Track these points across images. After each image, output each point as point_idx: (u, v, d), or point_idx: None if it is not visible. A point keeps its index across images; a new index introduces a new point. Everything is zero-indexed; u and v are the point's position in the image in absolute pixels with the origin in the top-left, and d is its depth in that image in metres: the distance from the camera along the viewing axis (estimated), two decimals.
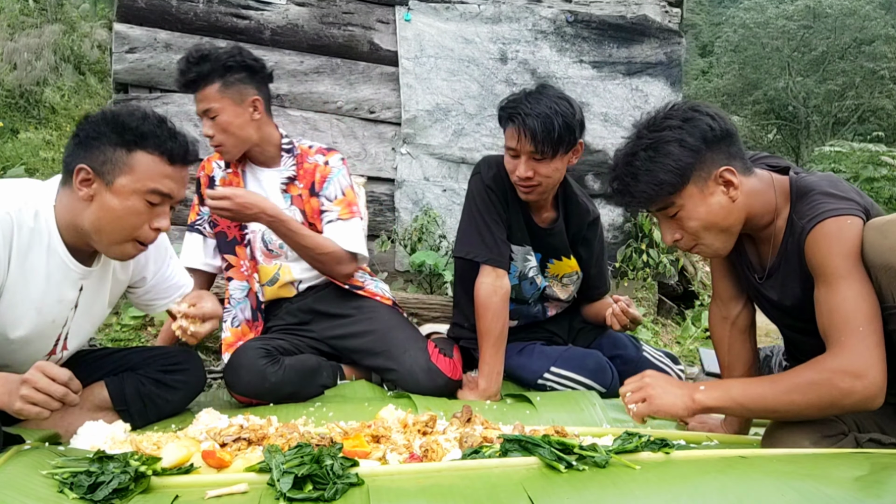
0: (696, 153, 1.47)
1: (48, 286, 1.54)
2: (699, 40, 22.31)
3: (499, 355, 2.12)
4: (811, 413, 1.39)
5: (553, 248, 2.28)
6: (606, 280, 2.45)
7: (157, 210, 1.53)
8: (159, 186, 1.50)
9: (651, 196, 1.50)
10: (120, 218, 1.49)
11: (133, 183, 1.48)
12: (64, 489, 1.14)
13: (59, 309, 1.59)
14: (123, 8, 3.24)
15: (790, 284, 1.54)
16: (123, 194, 1.48)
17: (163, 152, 1.50)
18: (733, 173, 1.48)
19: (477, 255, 2.14)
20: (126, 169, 1.47)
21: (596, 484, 1.17)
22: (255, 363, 1.97)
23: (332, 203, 2.21)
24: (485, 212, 2.14)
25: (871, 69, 17.54)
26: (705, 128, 1.48)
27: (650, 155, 1.49)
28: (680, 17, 4.09)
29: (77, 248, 1.57)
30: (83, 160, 1.48)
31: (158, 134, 1.51)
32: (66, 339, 1.67)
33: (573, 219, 2.27)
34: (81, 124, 1.52)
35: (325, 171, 2.23)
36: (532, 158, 2.00)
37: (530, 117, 1.94)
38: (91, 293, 1.66)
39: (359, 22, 3.58)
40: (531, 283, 2.29)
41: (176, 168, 1.53)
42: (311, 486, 1.13)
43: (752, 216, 1.54)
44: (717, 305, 1.81)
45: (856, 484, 1.13)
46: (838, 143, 9.56)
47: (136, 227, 1.51)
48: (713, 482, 1.16)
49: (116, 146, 1.48)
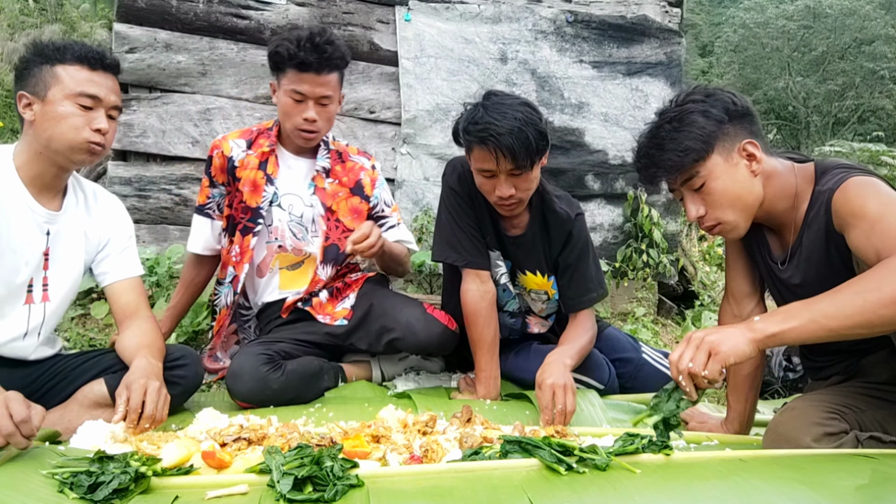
0: (719, 123, 1.51)
1: (19, 227, 1.68)
2: (699, 40, 22.30)
3: (494, 360, 2.11)
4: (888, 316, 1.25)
5: (521, 259, 2.19)
6: (593, 285, 2.17)
7: (93, 114, 1.69)
8: (84, 89, 1.67)
9: (677, 164, 1.51)
10: (60, 123, 1.65)
11: (62, 91, 1.66)
12: (64, 489, 1.14)
13: (31, 252, 1.71)
14: (123, 8, 3.24)
15: (811, 259, 1.53)
16: (57, 102, 1.66)
17: (81, 60, 1.68)
18: (756, 147, 1.52)
19: (455, 259, 2.12)
20: (54, 81, 1.66)
21: (596, 487, 1.17)
22: (257, 370, 1.96)
23: (390, 209, 2.37)
24: (455, 215, 2.11)
25: (871, 69, 17.55)
26: (728, 101, 1.52)
27: (675, 126, 1.53)
28: (680, 17, 4.08)
29: (40, 190, 1.72)
30: (21, 88, 1.69)
31: (75, 47, 1.70)
32: (45, 289, 1.75)
33: (553, 230, 2.14)
34: (16, 64, 1.75)
35: (374, 176, 2.34)
36: (511, 175, 1.91)
37: (504, 136, 1.82)
38: (62, 243, 1.77)
39: (359, 22, 3.58)
40: (504, 290, 2.24)
41: (97, 73, 1.70)
42: (311, 488, 1.13)
43: (772, 198, 1.55)
44: (729, 303, 1.80)
45: (856, 495, 1.13)
46: (838, 143, 9.56)
47: (77, 128, 1.66)
48: (713, 490, 1.16)
49: (42, 65, 1.67)
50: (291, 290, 2.26)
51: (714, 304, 4.06)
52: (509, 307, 2.29)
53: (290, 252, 2.26)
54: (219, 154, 2.23)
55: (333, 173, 2.27)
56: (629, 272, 3.81)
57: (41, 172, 1.71)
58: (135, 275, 1.91)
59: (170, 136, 3.28)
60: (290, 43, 2.05)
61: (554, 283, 2.23)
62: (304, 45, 2.04)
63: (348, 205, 2.27)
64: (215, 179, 2.25)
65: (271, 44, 2.12)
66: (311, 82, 2.08)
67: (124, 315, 1.87)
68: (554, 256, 2.17)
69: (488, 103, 1.90)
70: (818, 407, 1.52)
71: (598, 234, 3.89)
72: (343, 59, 2.13)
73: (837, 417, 1.48)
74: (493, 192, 1.95)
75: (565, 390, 1.77)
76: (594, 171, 3.89)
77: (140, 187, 3.25)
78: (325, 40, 2.06)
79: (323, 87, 2.10)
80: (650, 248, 3.80)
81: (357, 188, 2.29)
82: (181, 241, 3.27)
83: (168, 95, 3.31)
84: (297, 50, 2.04)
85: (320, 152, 2.27)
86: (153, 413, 1.56)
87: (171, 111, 3.28)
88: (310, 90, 2.09)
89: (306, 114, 2.11)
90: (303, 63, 2.05)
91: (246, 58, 3.38)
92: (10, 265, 1.67)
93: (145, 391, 1.57)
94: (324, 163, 2.26)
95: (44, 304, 1.75)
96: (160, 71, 3.27)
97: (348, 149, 2.35)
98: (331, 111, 2.16)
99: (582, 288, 2.15)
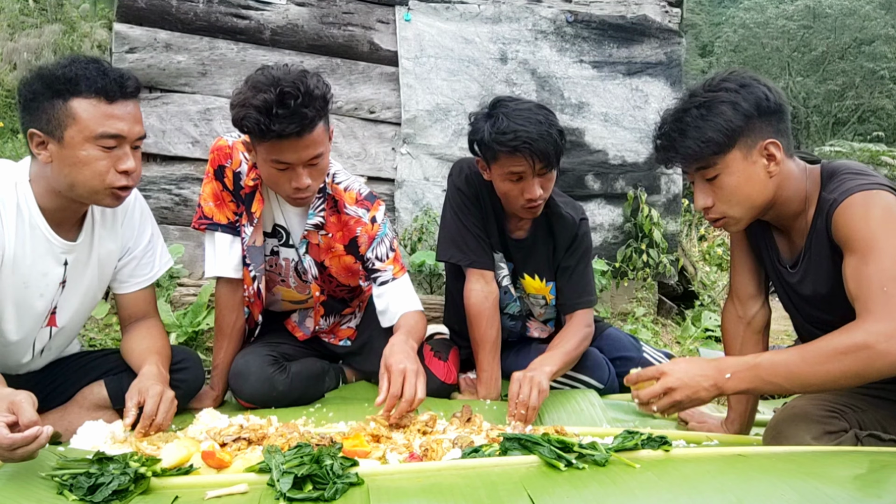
0: (747, 118, 1.46)
1: (34, 260, 1.55)
2: (699, 40, 22.29)
3: (496, 361, 2.11)
4: (847, 381, 1.33)
5: (523, 262, 2.20)
6: (590, 287, 2.21)
7: (117, 153, 1.50)
8: (106, 129, 1.47)
9: (696, 153, 1.48)
10: (82, 169, 1.47)
11: (81, 132, 1.45)
12: (64, 491, 1.14)
13: (46, 283, 1.59)
14: (123, 8, 3.24)
15: (821, 265, 1.52)
16: (76, 145, 1.46)
17: (97, 92, 1.46)
18: (778, 148, 1.48)
19: (460, 259, 2.12)
20: (69, 121, 1.45)
21: (596, 482, 1.16)
22: (263, 370, 1.96)
23: (385, 263, 2.02)
24: (461, 215, 2.11)
25: (871, 69, 17.55)
26: (761, 96, 1.47)
27: (702, 113, 1.48)
28: (680, 17, 4.08)
29: (59, 223, 1.58)
30: (31, 124, 1.47)
31: (88, 75, 1.46)
32: (53, 313, 1.67)
33: (558, 234, 2.16)
34: (20, 88, 1.50)
35: (373, 231, 1.99)
36: (539, 175, 1.94)
37: (537, 141, 1.86)
38: (78, 268, 1.66)
39: (359, 22, 3.58)
40: (505, 293, 2.24)
41: (117, 105, 1.49)
42: (311, 486, 1.13)
43: (782, 200, 1.53)
44: (734, 304, 1.78)
45: (855, 483, 1.13)
46: (838, 143, 9.57)
47: (101, 174, 1.49)
48: (713, 481, 1.16)
49: (53, 100, 1.45)
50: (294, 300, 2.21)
51: (714, 303, 4.06)
52: (510, 310, 2.28)
53: (294, 290, 2.14)
54: (229, 170, 1.93)
55: (327, 226, 2.00)
56: (629, 272, 3.81)
57: (61, 207, 1.56)
58: (151, 283, 1.85)
59: (170, 136, 3.29)
60: (258, 113, 1.64)
61: (552, 289, 2.23)
62: (277, 112, 1.64)
63: (341, 263, 2.06)
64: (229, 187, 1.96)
65: (232, 106, 1.71)
66: (294, 149, 1.71)
67: (132, 319, 1.84)
68: (558, 260, 2.18)
69: (507, 111, 1.91)
70: (818, 406, 1.52)
71: (598, 234, 3.89)
72: (325, 103, 1.74)
73: (837, 416, 1.48)
74: (521, 195, 1.96)
75: (531, 384, 1.77)
76: (594, 171, 3.89)
77: (140, 187, 3.22)
78: (301, 101, 1.65)
79: (310, 148, 1.73)
80: (650, 248, 3.80)
81: (351, 246, 2.02)
82: (181, 241, 3.27)
83: (168, 95, 3.31)
84: (268, 122, 1.64)
85: (313, 204, 1.95)
86: (162, 423, 1.56)
87: (171, 111, 3.28)
88: (296, 157, 1.73)
89: (296, 182, 1.77)
90: (281, 134, 1.67)
91: (246, 58, 3.38)
92: (26, 299, 1.58)
93: (160, 399, 1.57)
94: (315, 220, 1.97)
95: (49, 329, 1.69)
96: (160, 71, 3.27)
97: (346, 195, 1.98)
98: (323, 166, 1.82)
99: (579, 289, 2.17)
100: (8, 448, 1.15)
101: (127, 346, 1.80)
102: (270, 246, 2.04)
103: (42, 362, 1.78)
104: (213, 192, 1.96)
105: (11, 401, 1.24)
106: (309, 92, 1.67)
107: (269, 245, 2.04)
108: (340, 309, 2.26)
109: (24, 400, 1.23)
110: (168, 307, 2.83)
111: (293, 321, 2.25)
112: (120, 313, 1.87)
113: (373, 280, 2.03)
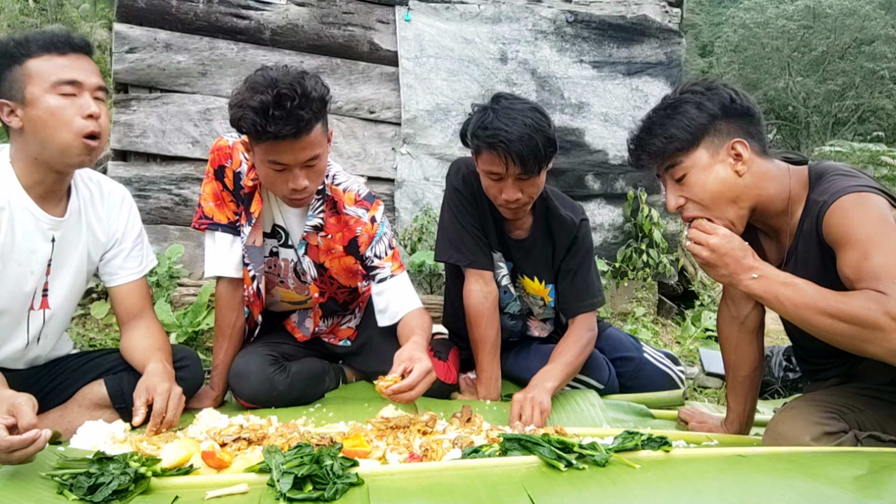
0: (712, 118, 1.51)
1: (24, 237, 1.60)
2: (699, 40, 22.29)
3: (495, 361, 2.11)
4: (842, 344, 1.34)
5: (522, 262, 2.19)
6: (593, 290, 2.17)
7: (79, 101, 1.57)
8: (61, 75, 1.55)
9: (660, 150, 1.53)
10: (48, 121, 1.54)
11: (39, 85, 1.54)
12: (64, 490, 1.14)
13: (35, 260, 1.64)
14: (123, 8, 3.24)
15: (808, 266, 1.52)
16: (38, 100, 1.53)
17: (48, 48, 1.56)
18: (745, 147, 1.50)
19: (458, 259, 2.12)
20: (27, 79, 1.54)
21: (596, 483, 1.17)
22: (263, 370, 1.95)
23: (383, 260, 2.01)
24: (459, 215, 2.11)
25: (871, 69, 17.55)
26: (726, 97, 1.52)
27: (668, 113, 1.54)
28: (680, 17, 4.08)
29: (42, 196, 1.63)
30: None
31: (36, 37, 1.57)
32: (45, 295, 1.69)
33: (557, 235, 2.14)
34: None
35: (372, 231, 1.99)
36: (518, 179, 1.90)
37: (514, 142, 1.82)
38: (66, 247, 1.70)
39: (359, 22, 3.58)
40: (505, 292, 2.23)
41: (69, 57, 1.57)
42: (311, 486, 1.13)
43: (766, 200, 1.53)
44: (727, 305, 1.79)
45: (855, 483, 1.13)
46: (838, 143, 9.57)
47: (67, 122, 1.55)
48: (713, 482, 1.16)
49: (11, 66, 1.55)
50: (293, 301, 2.22)
51: (714, 303, 4.06)
52: (510, 309, 2.28)
53: (293, 290, 2.14)
54: (229, 170, 1.94)
55: (326, 227, 2.00)
56: (629, 272, 3.81)
57: (41, 179, 1.61)
58: (142, 276, 1.88)
59: (170, 136, 3.29)
60: (254, 114, 1.64)
61: (551, 292, 2.22)
62: (273, 114, 1.64)
63: (342, 264, 2.05)
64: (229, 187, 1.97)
65: (231, 107, 1.72)
66: (290, 150, 1.72)
67: (129, 316, 1.86)
68: (558, 261, 2.17)
69: (498, 107, 1.89)
70: (818, 407, 1.52)
71: (598, 234, 3.89)
72: (322, 105, 1.73)
73: (837, 417, 1.49)
74: (499, 195, 1.96)
75: (532, 404, 1.78)
76: (594, 171, 3.90)
77: (140, 187, 3.25)
78: (297, 102, 1.65)
79: (307, 149, 1.73)
80: (650, 248, 3.80)
81: (351, 247, 2.01)
82: (181, 241, 3.27)
83: (168, 95, 3.31)
84: (265, 122, 1.64)
85: (312, 205, 1.96)
86: (172, 419, 1.59)
87: (171, 111, 3.28)
88: (293, 159, 1.73)
89: (294, 183, 1.77)
90: (277, 136, 1.67)
91: (246, 58, 3.38)
92: (17, 276, 1.62)
93: (168, 396, 1.59)
94: (315, 221, 1.97)
95: (42, 311, 1.70)
96: (160, 71, 3.27)
97: (346, 196, 1.99)
98: (320, 167, 1.81)
99: (582, 293, 2.15)
100: (6, 450, 1.16)
101: (128, 344, 1.81)
102: (270, 246, 2.05)
103: (41, 352, 1.78)
104: (213, 192, 1.97)
105: (12, 403, 1.25)
106: (306, 94, 1.67)
107: (268, 245, 2.04)
108: (339, 312, 2.26)
109: (24, 403, 1.25)
110: (168, 307, 2.83)
111: (293, 322, 2.25)
112: (116, 309, 1.89)
113: (371, 278, 2.03)
